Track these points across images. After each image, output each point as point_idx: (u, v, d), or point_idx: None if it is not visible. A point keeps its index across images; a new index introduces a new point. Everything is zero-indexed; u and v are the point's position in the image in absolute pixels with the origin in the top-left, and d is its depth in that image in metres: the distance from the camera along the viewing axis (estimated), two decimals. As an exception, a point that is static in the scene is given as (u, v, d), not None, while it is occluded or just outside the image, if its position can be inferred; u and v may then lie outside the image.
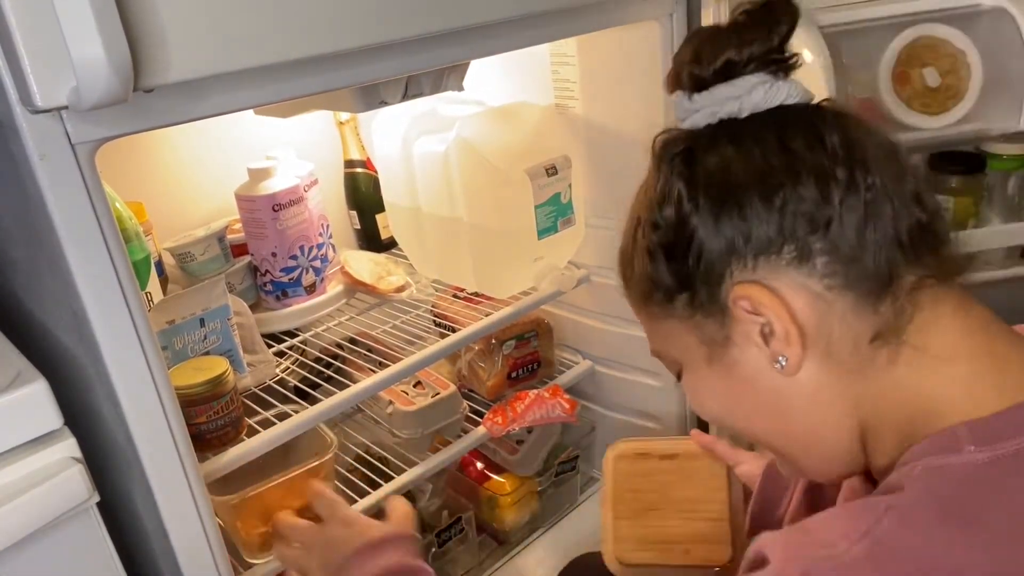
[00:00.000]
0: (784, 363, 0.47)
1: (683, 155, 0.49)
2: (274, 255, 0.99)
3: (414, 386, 1.08)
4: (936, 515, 0.40)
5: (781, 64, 0.50)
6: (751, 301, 0.47)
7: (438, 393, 1.06)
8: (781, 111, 0.49)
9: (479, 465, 1.24)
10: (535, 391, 1.13)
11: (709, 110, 0.49)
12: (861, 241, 0.45)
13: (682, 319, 0.51)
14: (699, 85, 0.50)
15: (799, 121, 0.48)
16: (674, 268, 0.49)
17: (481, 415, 1.10)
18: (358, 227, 1.24)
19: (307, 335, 1.06)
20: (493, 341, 1.14)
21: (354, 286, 1.06)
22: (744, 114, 0.49)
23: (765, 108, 0.49)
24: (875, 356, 0.47)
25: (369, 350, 1.09)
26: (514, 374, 1.18)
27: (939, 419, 0.45)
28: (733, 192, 0.47)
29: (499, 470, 1.24)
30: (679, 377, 0.56)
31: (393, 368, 0.95)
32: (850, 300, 0.46)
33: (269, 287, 1.01)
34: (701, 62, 0.49)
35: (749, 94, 0.48)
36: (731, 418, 0.54)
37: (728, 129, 0.49)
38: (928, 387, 0.46)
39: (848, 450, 0.50)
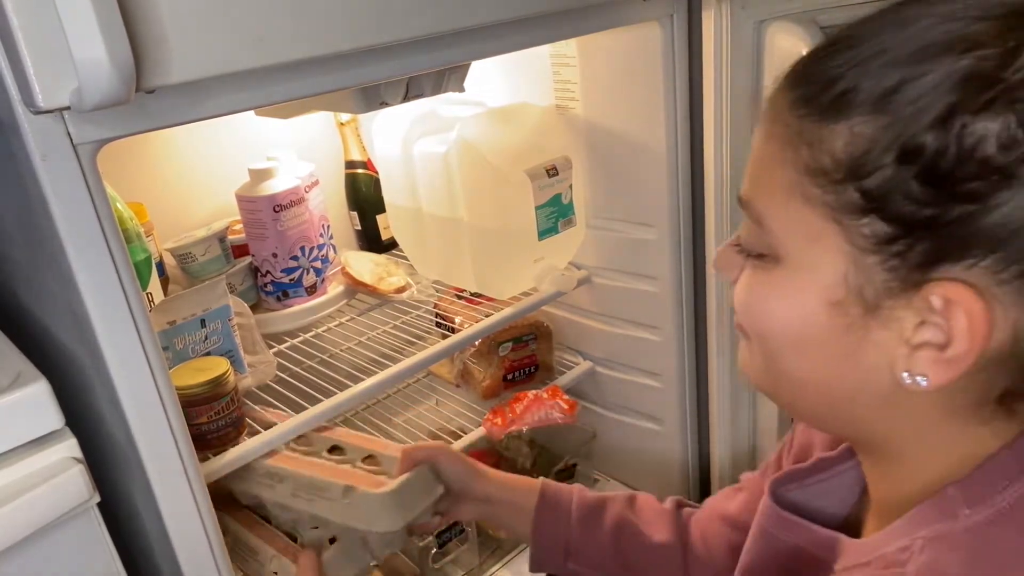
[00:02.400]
0: (915, 382, 0.38)
1: None
2: (275, 256, 0.99)
3: (364, 460, 0.86)
4: None
5: None
6: (954, 305, 0.36)
7: (367, 455, 0.84)
8: None
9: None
10: (534, 392, 1.13)
11: None
12: None
13: (849, 238, 0.38)
14: None
15: None
16: (927, 198, 0.35)
17: (481, 415, 1.10)
18: (359, 228, 1.24)
19: (308, 335, 1.06)
20: (490, 342, 1.14)
21: (355, 287, 1.06)
22: None
23: None
24: (975, 411, 0.40)
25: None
26: (510, 376, 1.17)
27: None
28: None
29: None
30: (750, 254, 0.44)
31: (393, 368, 0.95)
32: None
33: (270, 288, 1.01)
34: None
35: None
36: (783, 344, 0.43)
37: None
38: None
39: (840, 430, 0.48)
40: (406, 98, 0.82)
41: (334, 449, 0.87)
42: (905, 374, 0.39)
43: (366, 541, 0.80)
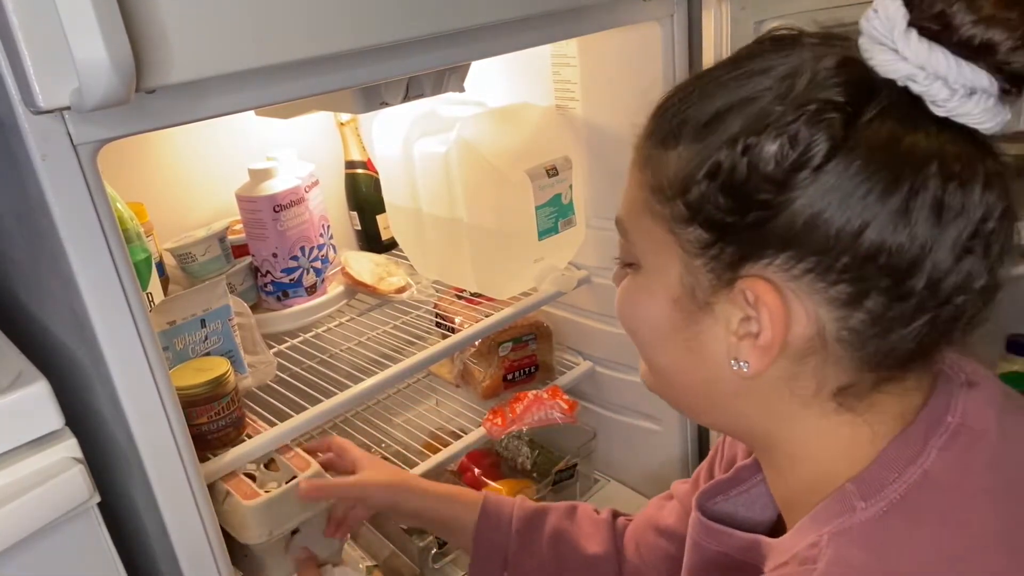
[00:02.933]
0: (740, 367, 0.45)
1: (843, 110, 0.40)
2: (275, 256, 0.99)
3: (266, 466, 0.86)
4: None
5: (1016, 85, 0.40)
6: (759, 299, 0.42)
7: (294, 476, 0.82)
8: (969, 135, 0.41)
9: (476, 471, 1.24)
10: (534, 392, 1.13)
11: (915, 71, 0.39)
12: (914, 326, 0.42)
13: (681, 245, 0.45)
14: (941, 38, 0.39)
15: (987, 165, 0.41)
16: (728, 207, 0.42)
17: (481, 415, 1.10)
18: (359, 228, 1.24)
19: (308, 335, 1.06)
20: (490, 342, 1.14)
21: (355, 287, 1.06)
22: (941, 109, 0.40)
23: (963, 119, 0.40)
24: (822, 401, 0.45)
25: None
26: (510, 376, 1.17)
27: (828, 482, 0.46)
28: (873, 188, 0.39)
29: (496, 476, 1.24)
30: (623, 264, 0.52)
31: (393, 368, 0.95)
32: (849, 359, 0.43)
33: (270, 288, 1.01)
34: (979, 20, 0.38)
35: (970, 94, 0.39)
36: (646, 339, 0.51)
37: (909, 110, 0.40)
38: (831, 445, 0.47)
39: (727, 426, 0.53)
40: (406, 98, 0.82)
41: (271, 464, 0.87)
42: (733, 361, 0.45)
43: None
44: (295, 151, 1.04)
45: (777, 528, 0.56)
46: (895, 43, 0.40)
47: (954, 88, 0.39)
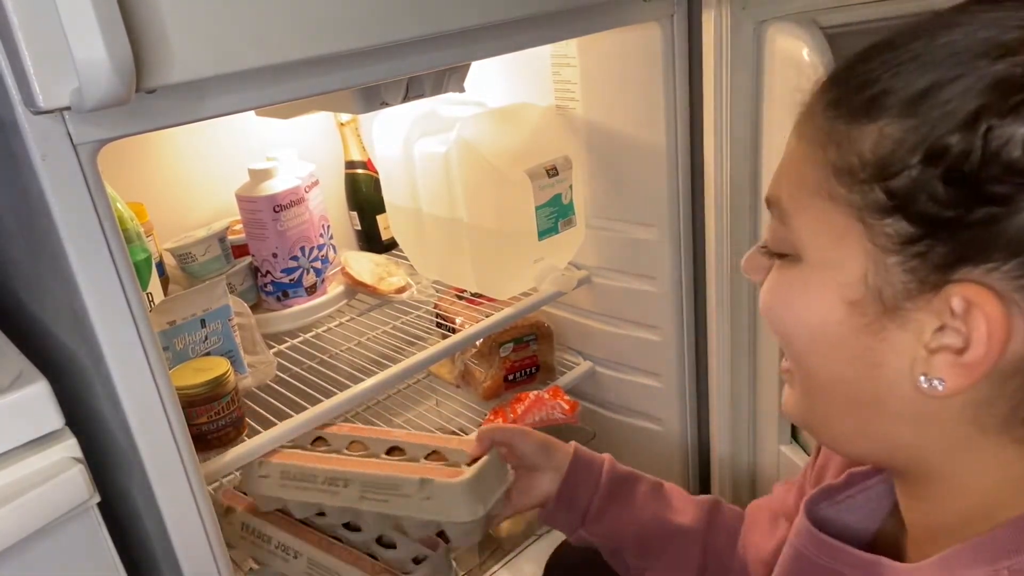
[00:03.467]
0: (932, 386, 0.38)
1: None
2: (275, 256, 0.99)
3: (427, 457, 0.84)
4: None
5: None
6: (974, 309, 0.36)
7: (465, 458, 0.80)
8: None
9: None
10: (535, 392, 1.13)
11: None
12: None
13: (872, 238, 0.38)
14: None
15: None
16: (950, 199, 0.35)
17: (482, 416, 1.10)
18: (359, 228, 1.24)
19: (308, 336, 1.06)
20: (491, 343, 1.14)
21: (355, 287, 1.06)
22: None
23: None
24: (1010, 429, 0.39)
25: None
26: (511, 377, 1.17)
27: (992, 516, 0.41)
28: None
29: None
30: (770, 253, 0.45)
31: (394, 368, 0.95)
32: None
33: (270, 288, 1.01)
34: None
35: None
36: (805, 346, 0.43)
37: None
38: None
39: (875, 454, 0.45)
40: (406, 98, 0.82)
41: (393, 450, 0.86)
42: (922, 377, 0.38)
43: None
44: (295, 151, 1.04)
45: (877, 541, 0.52)
46: None
47: None
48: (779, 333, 0.45)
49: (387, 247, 1.24)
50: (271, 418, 0.89)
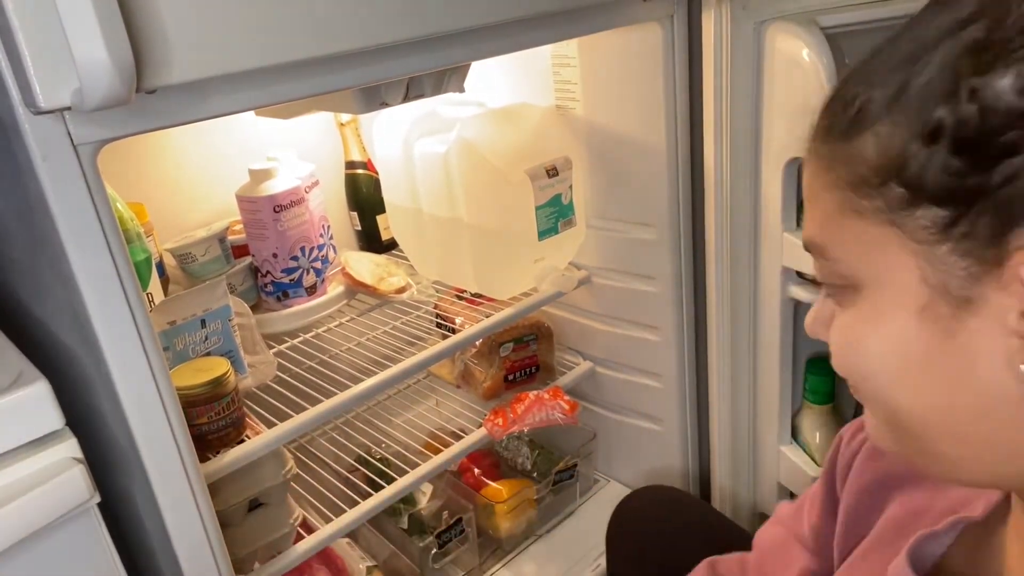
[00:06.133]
0: None
1: None
2: (275, 256, 0.99)
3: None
4: None
5: None
6: None
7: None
8: None
9: (476, 471, 1.24)
10: (535, 392, 1.13)
11: None
12: None
13: (911, 235, 0.36)
14: None
15: None
16: (965, 167, 0.34)
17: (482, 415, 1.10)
18: (359, 228, 1.24)
19: (308, 336, 1.06)
20: (491, 343, 1.14)
21: (355, 287, 1.06)
22: None
23: None
24: None
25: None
26: (511, 376, 1.17)
27: None
28: None
29: (496, 476, 1.24)
30: (832, 294, 0.43)
31: (394, 368, 0.95)
32: None
33: (270, 288, 1.01)
34: None
35: None
36: (890, 380, 0.40)
37: None
38: None
39: (998, 474, 0.41)
40: (406, 98, 0.82)
41: None
42: (1023, 367, 0.35)
43: None
44: (295, 151, 1.04)
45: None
46: None
47: None
48: (860, 377, 0.42)
49: (387, 247, 1.24)
50: (271, 418, 0.89)
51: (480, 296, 1.14)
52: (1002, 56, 0.33)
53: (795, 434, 1.07)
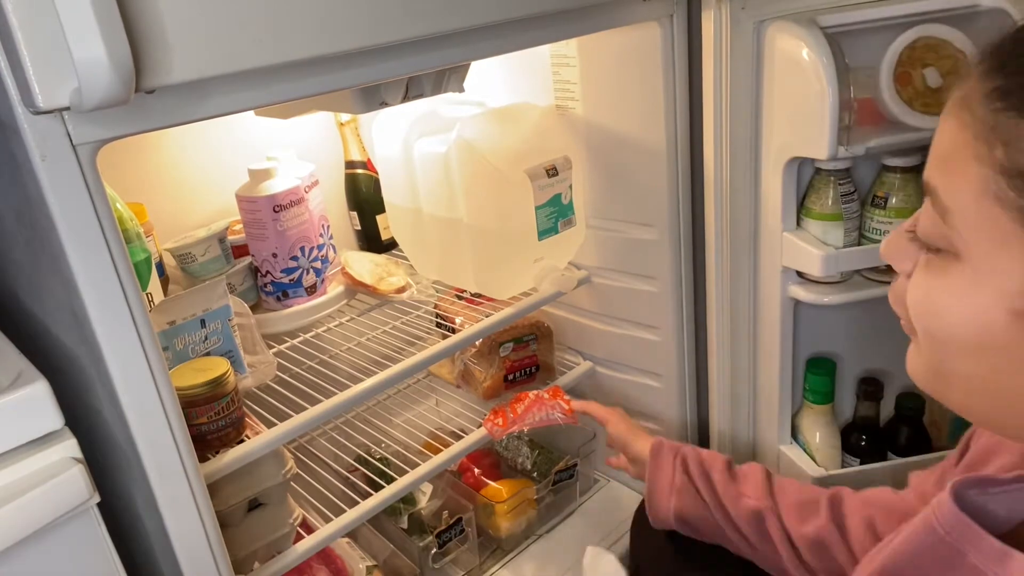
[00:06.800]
0: None
1: None
2: (275, 256, 0.99)
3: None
4: None
5: None
6: None
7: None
8: None
9: (476, 471, 1.24)
10: (535, 392, 1.13)
11: None
12: None
13: None
14: None
15: None
16: None
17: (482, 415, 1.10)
18: (359, 228, 1.24)
19: (307, 336, 1.06)
20: (491, 343, 1.14)
21: (355, 287, 1.06)
22: None
23: None
24: None
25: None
26: (511, 376, 1.17)
27: None
28: None
29: (496, 476, 1.24)
30: (924, 245, 0.41)
31: (394, 368, 0.95)
32: None
33: (270, 288, 1.01)
34: None
35: None
36: (957, 348, 0.40)
37: None
38: None
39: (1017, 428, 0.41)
40: (406, 98, 0.82)
41: None
42: None
43: None
44: (295, 151, 1.04)
45: (1008, 538, 0.49)
46: None
47: None
48: (925, 331, 0.42)
49: (387, 247, 1.24)
50: (271, 418, 0.89)
51: (480, 296, 1.14)
52: None
53: (795, 434, 1.07)
